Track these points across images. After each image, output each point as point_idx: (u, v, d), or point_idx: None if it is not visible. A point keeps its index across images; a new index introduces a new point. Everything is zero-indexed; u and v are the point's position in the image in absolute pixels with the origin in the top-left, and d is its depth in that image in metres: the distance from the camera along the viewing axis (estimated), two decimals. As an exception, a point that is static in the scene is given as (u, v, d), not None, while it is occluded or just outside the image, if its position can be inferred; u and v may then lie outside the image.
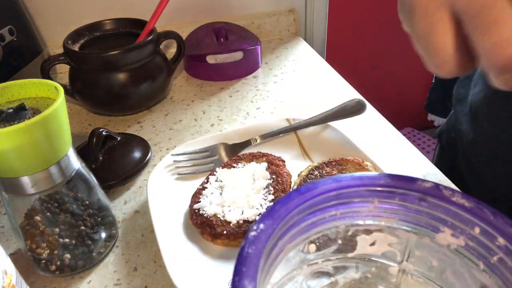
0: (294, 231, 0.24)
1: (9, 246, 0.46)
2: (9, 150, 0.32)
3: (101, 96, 0.64)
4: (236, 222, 0.43)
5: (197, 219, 0.44)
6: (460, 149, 0.62)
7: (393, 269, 0.28)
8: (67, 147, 0.38)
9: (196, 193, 0.47)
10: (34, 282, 0.42)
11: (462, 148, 0.61)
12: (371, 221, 0.27)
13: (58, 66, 0.80)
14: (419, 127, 1.87)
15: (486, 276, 0.23)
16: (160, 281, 0.41)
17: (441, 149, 0.69)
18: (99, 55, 0.61)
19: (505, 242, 0.22)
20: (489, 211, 0.23)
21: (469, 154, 0.59)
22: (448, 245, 0.25)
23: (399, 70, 1.67)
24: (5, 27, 0.66)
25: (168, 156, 0.51)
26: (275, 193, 0.46)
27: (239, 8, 0.88)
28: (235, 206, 0.44)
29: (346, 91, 0.71)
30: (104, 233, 0.44)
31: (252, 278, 0.19)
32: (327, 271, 0.29)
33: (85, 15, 0.77)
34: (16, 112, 0.35)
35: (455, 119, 0.63)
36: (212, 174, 0.49)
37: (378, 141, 0.58)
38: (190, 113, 0.67)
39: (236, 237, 0.42)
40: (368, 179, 0.26)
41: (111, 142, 0.54)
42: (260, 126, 0.56)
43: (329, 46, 1.01)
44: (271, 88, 0.73)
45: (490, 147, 0.55)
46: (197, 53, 0.75)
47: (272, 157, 0.51)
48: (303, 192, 0.24)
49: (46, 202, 0.38)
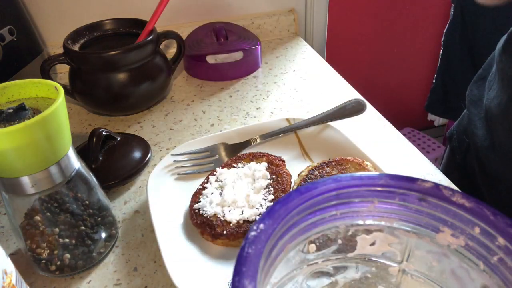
0: (294, 231, 0.24)
1: (9, 246, 0.46)
2: (9, 150, 0.32)
3: (101, 96, 0.64)
4: (236, 222, 0.43)
5: (197, 219, 0.44)
6: (474, 152, 0.60)
7: (393, 269, 0.28)
8: (67, 147, 0.38)
9: (196, 193, 0.47)
10: (34, 282, 0.42)
11: (476, 151, 0.59)
12: (371, 221, 0.27)
13: (58, 66, 0.80)
14: (419, 127, 1.86)
15: (486, 276, 0.23)
16: (160, 281, 0.41)
17: (451, 151, 0.67)
18: (99, 55, 0.61)
19: (505, 242, 0.22)
20: (489, 211, 0.23)
21: (484, 159, 0.57)
22: (448, 245, 0.25)
23: (399, 70, 1.67)
24: (5, 27, 0.66)
25: (168, 156, 0.51)
26: (275, 193, 0.46)
27: (239, 8, 0.88)
28: (235, 206, 0.44)
29: (346, 91, 0.71)
30: (104, 233, 0.44)
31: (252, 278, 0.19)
32: (327, 271, 0.29)
33: (85, 15, 0.77)
34: (16, 112, 0.35)
35: (468, 122, 0.61)
36: (212, 174, 0.49)
37: (378, 141, 0.58)
38: (190, 113, 0.67)
39: (236, 237, 0.42)
40: (368, 179, 0.26)
41: (111, 142, 0.54)
42: (260, 126, 0.56)
43: (329, 46, 1.01)
44: (271, 88, 0.73)
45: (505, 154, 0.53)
46: (197, 53, 0.75)
47: (272, 157, 0.51)
48: (303, 192, 0.24)
49: (46, 202, 0.38)
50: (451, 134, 0.68)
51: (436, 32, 1.62)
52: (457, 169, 0.65)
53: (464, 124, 0.63)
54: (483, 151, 0.57)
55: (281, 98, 0.70)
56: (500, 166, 0.55)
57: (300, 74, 0.77)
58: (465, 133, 0.62)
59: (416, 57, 1.67)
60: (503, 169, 0.54)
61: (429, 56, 1.68)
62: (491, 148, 0.55)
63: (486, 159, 0.57)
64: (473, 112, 0.60)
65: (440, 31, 1.62)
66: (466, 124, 0.62)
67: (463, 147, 0.63)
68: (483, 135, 0.57)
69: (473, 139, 0.59)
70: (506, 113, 0.52)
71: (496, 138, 0.54)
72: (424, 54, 1.67)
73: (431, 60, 1.70)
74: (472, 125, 0.59)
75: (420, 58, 1.68)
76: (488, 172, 0.57)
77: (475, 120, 0.59)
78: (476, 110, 0.59)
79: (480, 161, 0.58)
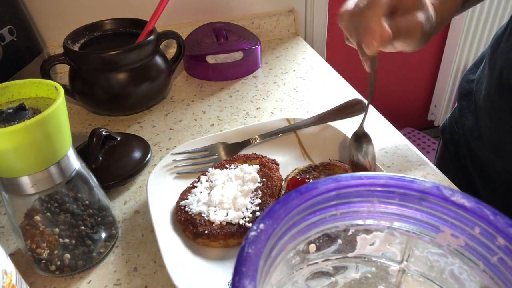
0: (294, 231, 0.24)
1: (9, 246, 0.46)
2: (9, 150, 0.32)
3: (101, 96, 0.64)
4: (219, 223, 0.43)
5: (181, 216, 0.44)
6: (464, 143, 0.62)
7: (393, 269, 0.28)
8: (67, 147, 0.38)
9: (186, 191, 0.47)
10: (34, 282, 0.42)
11: (466, 142, 0.61)
12: (371, 221, 0.27)
13: (58, 66, 0.80)
14: (419, 127, 1.87)
15: (486, 276, 0.23)
16: (160, 281, 0.41)
17: (444, 144, 0.70)
18: (99, 55, 0.61)
19: (505, 242, 0.22)
20: (489, 211, 0.23)
21: (475, 149, 0.60)
22: (448, 245, 0.25)
23: (399, 70, 1.67)
24: (5, 27, 0.66)
25: (168, 156, 0.51)
26: (263, 197, 0.45)
27: (239, 8, 0.88)
28: (221, 207, 0.44)
29: (346, 91, 0.71)
30: (104, 233, 0.44)
31: (252, 278, 0.19)
32: (327, 271, 0.28)
33: (85, 15, 0.77)
34: (16, 112, 0.35)
35: (459, 114, 0.63)
36: (204, 174, 0.49)
37: (378, 141, 0.58)
38: (190, 113, 0.67)
39: (216, 238, 0.42)
40: (368, 179, 0.26)
41: (111, 142, 0.54)
42: (260, 126, 0.56)
43: (329, 46, 1.01)
44: (271, 88, 0.73)
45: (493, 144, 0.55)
46: (197, 53, 0.75)
47: (266, 159, 0.50)
48: (303, 192, 0.24)
49: (46, 202, 0.38)
50: (443, 127, 0.70)
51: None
52: (450, 160, 0.67)
53: (456, 117, 0.65)
54: (473, 141, 0.60)
55: (281, 98, 0.70)
56: (489, 155, 0.57)
57: (300, 74, 0.77)
58: (457, 125, 0.65)
59: (416, 57, 1.67)
60: (492, 158, 0.57)
61: (429, 56, 1.68)
62: (480, 138, 0.58)
63: (477, 149, 0.59)
64: (464, 105, 0.62)
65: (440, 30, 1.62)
66: (457, 117, 0.65)
67: (455, 138, 0.65)
68: (473, 125, 0.59)
69: (463, 129, 0.62)
70: (493, 104, 0.54)
71: (483, 128, 0.57)
72: (424, 54, 1.67)
73: (431, 60, 1.70)
74: (464, 117, 0.62)
75: (420, 58, 1.68)
76: (479, 161, 0.60)
77: (466, 113, 0.61)
78: (466, 103, 0.62)
79: (471, 151, 0.61)
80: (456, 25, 1.56)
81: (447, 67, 1.67)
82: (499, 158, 0.55)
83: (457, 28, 1.56)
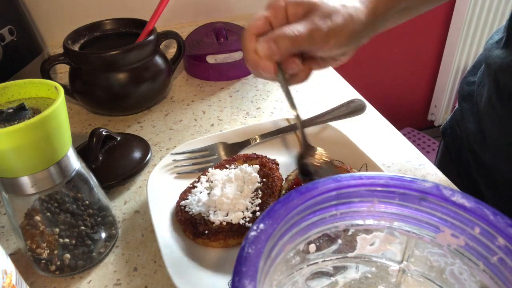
0: (294, 231, 0.24)
1: (9, 246, 0.46)
2: (9, 150, 0.32)
3: (101, 96, 0.64)
4: (219, 223, 0.43)
5: (181, 216, 0.44)
6: (467, 146, 0.61)
7: (393, 269, 0.28)
8: (67, 147, 0.38)
9: (186, 191, 0.47)
10: (34, 282, 0.42)
11: (469, 145, 0.61)
12: (371, 221, 0.27)
13: (58, 66, 0.80)
14: (419, 127, 1.87)
15: (486, 276, 0.23)
16: (160, 281, 0.41)
17: (446, 146, 0.69)
18: (99, 55, 0.61)
19: (505, 242, 0.22)
20: (489, 211, 0.23)
21: (478, 151, 0.59)
22: (448, 245, 0.25)
23: (399, 70, 1.67)
24: (5, 27, 0.66)
25: (168, 156, 0.51)
26: (263, 197, 0.45)
27: (239, 8, 0.88)
28: (221, 207, 0.44)
29: (346, 91, 0.71)
30: (104, 233, 0.44)
31: (252, 278, 0.19)
32: (327, 271, 0.29)
33: (85, 15, 0.77)
34: (16, 112, 0.35)
35: (460, 116, 0.63)
36: (204, 174, 0.49)
37: (378, 141, 0.58)
38: (190, 113, 0.67)
39: (216, 239, 0.42)
40: (368, 179, 0.26)
41: (111, 142, 0.54)
42: (260, 126, 0.56)
43: (329, 46, 1.01)
44: (271, 88, 0.73)
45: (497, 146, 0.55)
46: (197, 53, 0.75)
47: (266, 159, 0.50)
48: (303, 192, 0.24)
49: (46, 202, 0.38)
50: (444, 129, 0.69)
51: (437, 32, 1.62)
52: (452, 163, 0.67)
53: (457, 119, 0.65)
54: (476, 144, 0.59)
55: (281, 98, 0.70)
56: (493, 158, 0.56)
57: (300, 74, 0.77)
58: (458, 128, 0.64)
59: (416, 57, 1.67)
60: (496, 160, 0.56)
61: (429, 56, 1.68)
62: (484, 141, 0.57)
63: (480, 152, 0.59)
64: (465, 107, 0.62)
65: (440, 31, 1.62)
66: (459, 119, 0.64)
67: (457, 141, 0.65)
68: (475, 128, 0.59)
69: (466, 133, 0.61)
70: (494, 107, 0.54)
71: (487, 132, 0.56)
72: (424, 54, 1.67)
73: (431, 60, 1.70)
74: (465, 120, 0.61)
75: (420, 58, 1.68)
76: (483, 163, 0.59)
77: (468, 115, 0.61)
78: (468, 106, 0.61)
79: (474, 153, 0.60)
80: (456, 25, 1.56)
81: (447, 67, 1.67)
82: (505, 161, 0.55)
83: (457, 28, 1.56)
